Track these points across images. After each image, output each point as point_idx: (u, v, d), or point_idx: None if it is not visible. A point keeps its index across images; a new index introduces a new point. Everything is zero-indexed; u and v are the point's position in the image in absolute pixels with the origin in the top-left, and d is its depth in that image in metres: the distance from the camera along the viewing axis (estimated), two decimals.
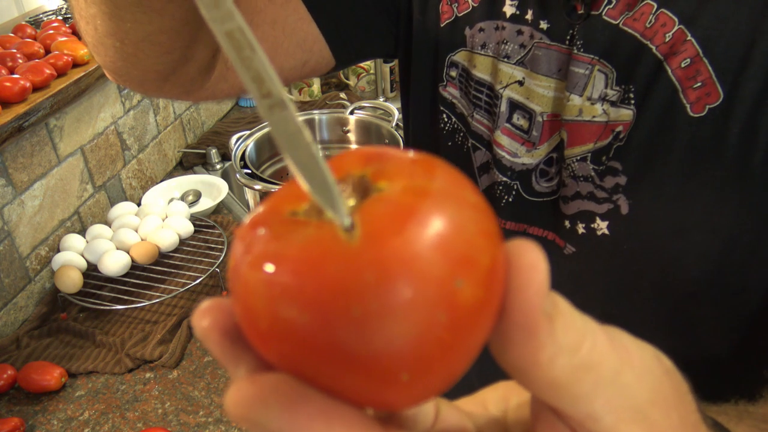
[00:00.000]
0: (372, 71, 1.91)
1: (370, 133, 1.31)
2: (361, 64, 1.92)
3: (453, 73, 0.54)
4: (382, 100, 1.87)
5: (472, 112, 0.53)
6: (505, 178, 0.52)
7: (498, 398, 0.24)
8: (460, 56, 0.53)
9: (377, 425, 0.16)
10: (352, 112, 1.31)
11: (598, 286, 0.50)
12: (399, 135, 1.19)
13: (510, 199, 0.52)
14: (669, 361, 0.20)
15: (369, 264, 0.14)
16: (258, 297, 0.15)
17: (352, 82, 1.95)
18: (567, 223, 0.49)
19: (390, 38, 0.60)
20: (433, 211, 0.15)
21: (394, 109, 1.25)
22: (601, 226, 0.47)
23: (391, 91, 1.92)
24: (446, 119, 0.56)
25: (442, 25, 0.54)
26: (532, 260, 0.16)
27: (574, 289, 0.51)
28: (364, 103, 1.31)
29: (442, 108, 0.56)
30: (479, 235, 0.15)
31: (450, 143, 0.56)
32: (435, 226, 0.14)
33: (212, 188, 1.43)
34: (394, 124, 1.22)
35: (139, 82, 0.53)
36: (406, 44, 0.59)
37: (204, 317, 0.18)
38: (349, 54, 0.60)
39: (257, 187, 1.05)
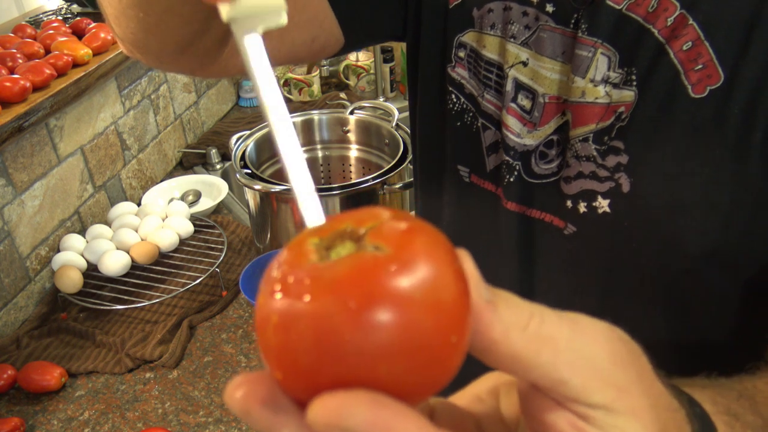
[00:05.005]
0: (372, 71, 1.91)
1: (370, 133, 1.31)
2: (361, 64, 1.92)
3: (461, 54, 0.55)
4: (382, 100, 1.87)
5: (482, 92, 0.55)
6: (508, 158, 0.53)
7: (489, 389, 0.26)
8: (468, 37, 0.55)
9: (426, 419, 0.18)
10: (352, 112, 1.30)
11: (597, 264, 0.51)
12: (399, 135, 1.19)
13: (512, 179, 0.53)
14: (622, 331, 0.23)
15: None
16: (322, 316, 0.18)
17: (352, 82, 1.95)
18: (568, 203, 0.50)
19: (398, 20, 0.61)
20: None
21: (394, 109, 1.24)
22: (603, 204, 0.48)
23: (391, 91, 1.92)
24: (455, 99, 0.57)
25: (450, 7, 0.55)
26: (464, 263, 0.20)
27: (573, 269, 0.53)
28: (364, 103, 1.31)
29: (450, 89, 0.57)
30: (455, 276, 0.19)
31: (458, 123, 0.57)
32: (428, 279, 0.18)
33: (212, 188, 1.43)
34: (394, 124, 1.22)
35: (157, 54, 0.54)
36: (415, 27, 0.60)
37: (237, 389, 0.19)
38: (358, 33, 0.61)
39: (257, 187, 1.05)
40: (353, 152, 1.35)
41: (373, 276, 0.18)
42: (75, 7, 1.50)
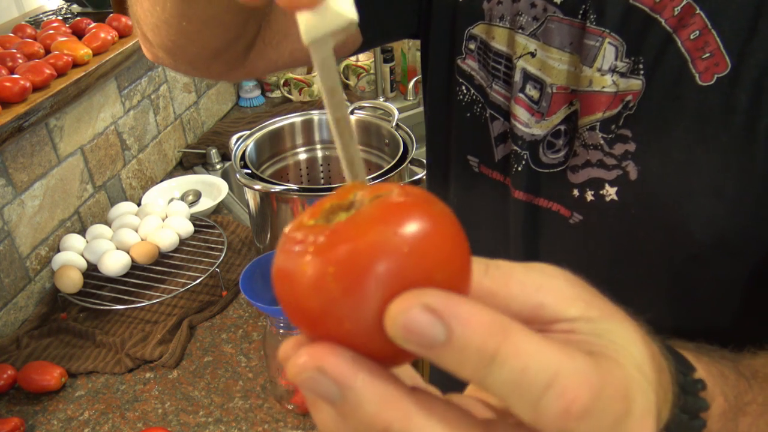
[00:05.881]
0: (372, 71, 1.91)
1: (370, 133, 1.31)
2: (361, 64, 1.92)
3: (471, 46, 0.56)
4: (382, 100, 1.87)
5: (490, 83, 0.55)
6: (516, 147, 0.53)
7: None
8: (478, 29, 0.55)
9: None
10: (352, 112, 1.30)
11: (603, 252, 0.52)
12: (399, 135, 1.19)
13: (519, 168, 0.54)
14: None
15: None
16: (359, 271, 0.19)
17: (352, 82, 1.95)
18: (575, 192, 0.50)
19: (413, 16, 0.62)
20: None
21: (394, 109, 1.24)
22: (610, 192, 0.48)
23: (391, 91, 1.92)
24: (465, 91, 0.58)
25: (460, 1, 0.56)
26: None
27: (579, 258, 0.53)
28: (364, 103, 1.31)
29: (461, 80, 0.58)
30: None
31: (468, 114, 0.58)
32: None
33: (212, 188, 1.43)
34: (394, 124, 1.22)
35: (191, 61, 0.55)
36: (426, 21, 0.61)
37: (300, 356, 0.20)
38: (375, 32, 0.62)
39: (257, 187, 1.05)
40: None
41: (401, 206, 0.20)
42: (75, 7, 1.50)
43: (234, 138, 1.19)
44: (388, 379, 0.19)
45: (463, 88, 0.58)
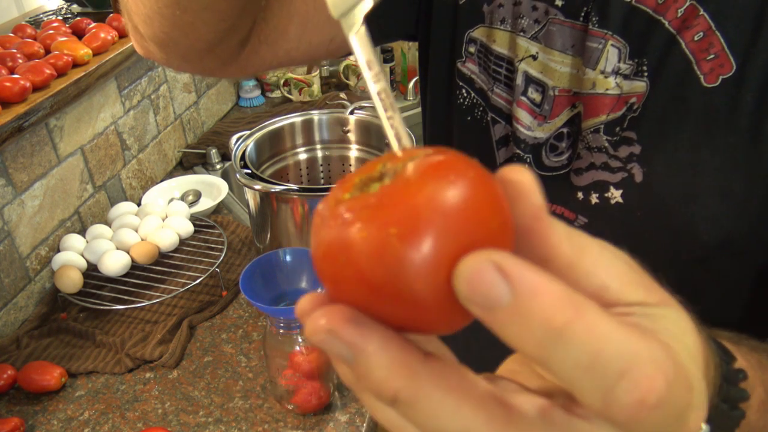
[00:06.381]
0: None
1: (370, 133, 1.31)
2: None
3: (471, 49, 0.56)
4: None
5: (492, 87, 0.55)
6: (519, 151, 0.53)
7: (529, 372, 0.27)
8: (478, 32, 0.55)
9: None
10: (352, 112, 1.30)
11: None
12: None
13: None
14: None
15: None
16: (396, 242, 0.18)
17: (352, 82, 1.95)
18: (580, 195, 0.50)
19: (412, 19, 0.62)
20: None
21: None
22: (615, 194, 0.48)
23: (391, 91, 1.92)
24: (465, 94, 0.58)
25: (460, 3, 0.56)
26: (523, 177, 0.21)
27: None
28: (364, 103, 1.31)
29: (461, 84, 0.58)
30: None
31: (469, 118, 0.58)
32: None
33: (212, 188, 1.43)
34: None
35: (183, 54, 0.54)
36: (425, 23, 0.61)
37: (320, 317, 0.19)
38: (373, 33, 0.61)
39: (257, 187, 1.05)
40: (353, 152, 1.35)
41: (444, 163, 0.19)
42: (75, 7, 1.50)
43: (234, 138, 1.19)
44: (402, 346, 0.19)
45: (464, 91, 0.57)
